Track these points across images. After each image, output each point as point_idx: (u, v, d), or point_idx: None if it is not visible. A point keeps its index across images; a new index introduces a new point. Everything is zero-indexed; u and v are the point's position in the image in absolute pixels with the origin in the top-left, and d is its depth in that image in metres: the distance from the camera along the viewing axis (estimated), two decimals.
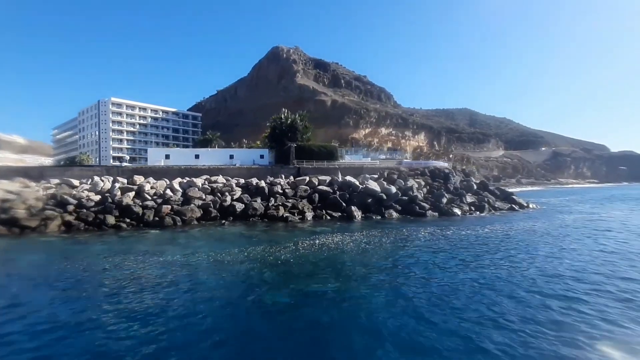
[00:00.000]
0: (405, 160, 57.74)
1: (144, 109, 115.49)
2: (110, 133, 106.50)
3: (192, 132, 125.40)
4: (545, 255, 19.99)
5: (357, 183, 42.68)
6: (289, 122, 50.34)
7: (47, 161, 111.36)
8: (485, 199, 45.27)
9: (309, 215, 37.00)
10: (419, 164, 53.45)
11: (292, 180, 42.74)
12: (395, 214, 38.95)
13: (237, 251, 21.33)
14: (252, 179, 41.24)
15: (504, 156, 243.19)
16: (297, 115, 52.85)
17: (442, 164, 57.56)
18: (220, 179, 41.27)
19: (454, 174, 48.81)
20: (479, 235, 26.67)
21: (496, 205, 45.18)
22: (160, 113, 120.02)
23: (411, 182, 44.26)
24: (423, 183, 45.02)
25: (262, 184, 40.47)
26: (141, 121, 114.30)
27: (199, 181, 39.75)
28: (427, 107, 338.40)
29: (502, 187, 55.17)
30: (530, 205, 48.51)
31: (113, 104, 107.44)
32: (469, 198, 44.70)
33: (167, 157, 45.47)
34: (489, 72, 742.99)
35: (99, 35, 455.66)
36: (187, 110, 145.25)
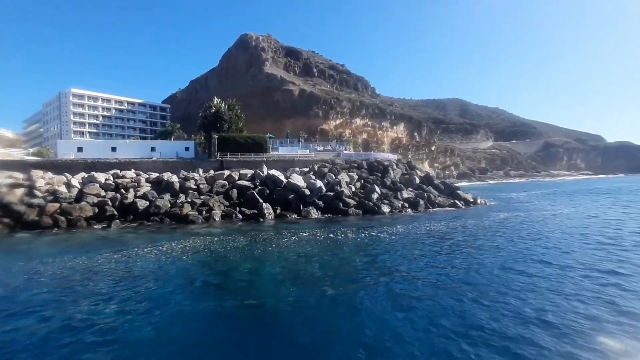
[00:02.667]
0: (345, 152, 54.23)
1: (108, 101, 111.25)
2: (72, 125, 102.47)
3: (161, 124, 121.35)
4: (404, 271, 16.74)
5: (282, 178, 39.34)
6: (212, 111, 46.67)
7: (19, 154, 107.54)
8: (425, 195, 42.01)
9: (217, 214, 33.74)
10: (359, 156, 50.04)
11: (211, 174, 39.31)
12: (314, 213, 35.73)
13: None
14: (165, 174, 37.81)
15: (492, 147, 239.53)
16: (223, 104, 48.90)
17: (388, 156, 54.15)
18: (130, 173, 37.85)
19: (395, 168, 45.40)
20: (365, 242, 23.44)
21: (437, 202, 41.93)
22: (126, 104, 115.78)
23: (342, 177, 40.91)
24: (356, 177, 41.70)
25: (174, 178, 37.06)
26: (105, 113, 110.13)
27: (102, 176, 36.36)
28: (417, 98, 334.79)
29: (450, 182, 51.82)
30: (479, 201, 45.30)
31: (74, 95, 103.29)
32: (407, 193, 41.44)
33: (80, 149, 41.97)
34: (482, 61, 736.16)
35: (79, 28, 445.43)
36: (162, 102, 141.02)
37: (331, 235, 24.91)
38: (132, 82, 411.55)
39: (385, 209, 37.03)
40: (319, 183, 38.62)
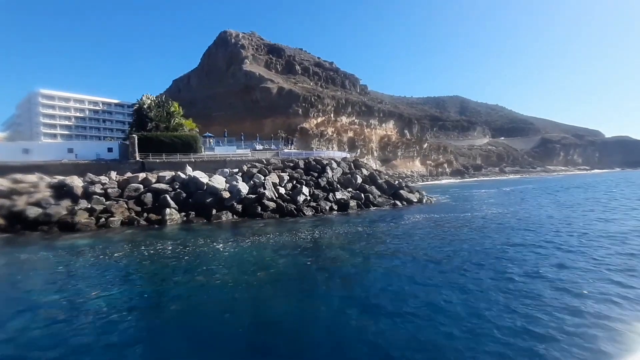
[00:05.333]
0: (286, 150, 50.83)
1: (81, 101, 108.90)
2: (41, 128, 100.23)
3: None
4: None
5: (204, 180, 36.12)
6: (135, 108, 43.44)
7: None
8: (363, 196, 38.63)
9: (117, 220, 30.71)
10: (299, 155, 46.53)
11: (124, 177, 36.23)
12: (226, 217, 32.61)
13: None
14: (69, 178, 34.74)
15: (488, 144, 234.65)
16: (149, 101, 45.59)
17: (334, 154, 50.68)
18: (32, 177, 34.79)
19: (334, 167, 41.95)
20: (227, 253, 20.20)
21: (376, 202, 38.58)
22: (101, 105, 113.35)
23: (271, 178, 37.62)
24: (287, 178, 38.36)
25: (76, 183, 34.00)
26: (78, 114, 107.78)
27: None
28: (418, 95, 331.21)
29: (398, 182, 48.24)
30: (424, 200, 41.98)
31: (43, 96, 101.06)
32: (341, 194, 38.09)
33: None
34: (481, 59, 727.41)
35: (64, 31, 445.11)
36: None
37: (202, 243, 21.65)
38: (122, 84, 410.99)
39: (309, 212, 33.80)
40: (240, 185, 35.43)
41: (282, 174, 38.98)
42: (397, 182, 45.80)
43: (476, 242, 20.60)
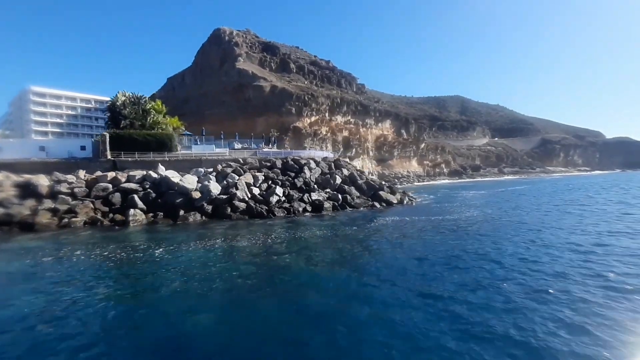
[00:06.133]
0: (265, 149, 49.68)
1: (73, 99, 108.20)
2: (32, 125, 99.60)
3: None
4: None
5: (175, 180, 35.16)
6: (108, 105, 42.40)
7: None
8: (340, 197, 37.58)
9: (80, 221, 29.89)
10: (278, 154, 45.35)
11: (93, 176, 35.31)
12: (198, 218, 31.76)
13: None
14: (34, 177, 33.84)
15: (487, 144, 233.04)
16: (124, 97, 44.44)
17: (314, 153, 49.54)
18: None
19: (313, 167, 40.90)
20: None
21: (353, 203, 37.52)
22: (93, 103, 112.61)
23: (245, 177, 36.65)
24: (262, 178, 37.33)
25: (41, 182, 33.10)
26: (69, 112, 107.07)
27: None
28: (418, 95, 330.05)
29: (389, 182, 47.19)
30: (405, 202, 41.00)
31: (34, 93, 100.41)
32: (317, 195, 37.06)
33: None
34: (483, 58, 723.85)
35: (64, 29, 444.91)
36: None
37: (149, 247, 20.66)
38: (119, 83, 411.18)
39: (280, 213, 32.80)
40: (212, 185, 34.48)
41: (257, 173, 37.98)
42: (379, 183, 44.72)
43: (426, 249, 19.42)
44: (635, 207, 35.34)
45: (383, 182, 46.52)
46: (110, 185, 34.65)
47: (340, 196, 37.62)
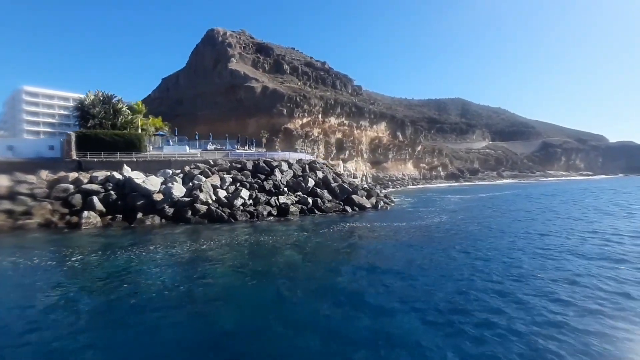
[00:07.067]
0: (237, 150, 48.72)
1: (66, 99, 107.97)
2: (24, 125, 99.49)
3: None
4: None
5: (138, 181, 34.37)
6: (76, 104, 41.60)
7: None
8: (310, 200, 36.64)
9: (34, 223, 29.24)
10: (251, 155, 44.45)
11: (55, 177, 34.61)
12: (156, 221, 30.96)
13: None
14: None
15: (487, 147, 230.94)
16: (93, 96, 43.66)
17: (288, 155, 48.53)
18: None
19: (284, 169, 39.95)
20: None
21: (323, 207, 36.53)
22: None
23: (213, 180, 35.83)
24: (229, 180, 36.45)
25: (1, 182, 32.42)
26: (62, 112, 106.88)
27: None
28: (419, 97, 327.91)
29: (376, 186, 46.21)
30: (380, 206, 39.95)
31: (26, 93, 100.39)
32: (286, 198, 36.09)
33: None
34: (484, 61, 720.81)
35: (58, 29, 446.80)
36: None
37: (83, 253, 19.82)
38: (117, 84, 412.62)
39: (242, 217, 31.87)
40: (175, 187, 33.66)
41: (225, 175, 37.11)
42: (354, 186, 43.67)
43: (378, 258, 18.49)
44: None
45: (365, 185, 45.66)
46: (71, 186, 33.87)
47: (310, 200, 36.67)
